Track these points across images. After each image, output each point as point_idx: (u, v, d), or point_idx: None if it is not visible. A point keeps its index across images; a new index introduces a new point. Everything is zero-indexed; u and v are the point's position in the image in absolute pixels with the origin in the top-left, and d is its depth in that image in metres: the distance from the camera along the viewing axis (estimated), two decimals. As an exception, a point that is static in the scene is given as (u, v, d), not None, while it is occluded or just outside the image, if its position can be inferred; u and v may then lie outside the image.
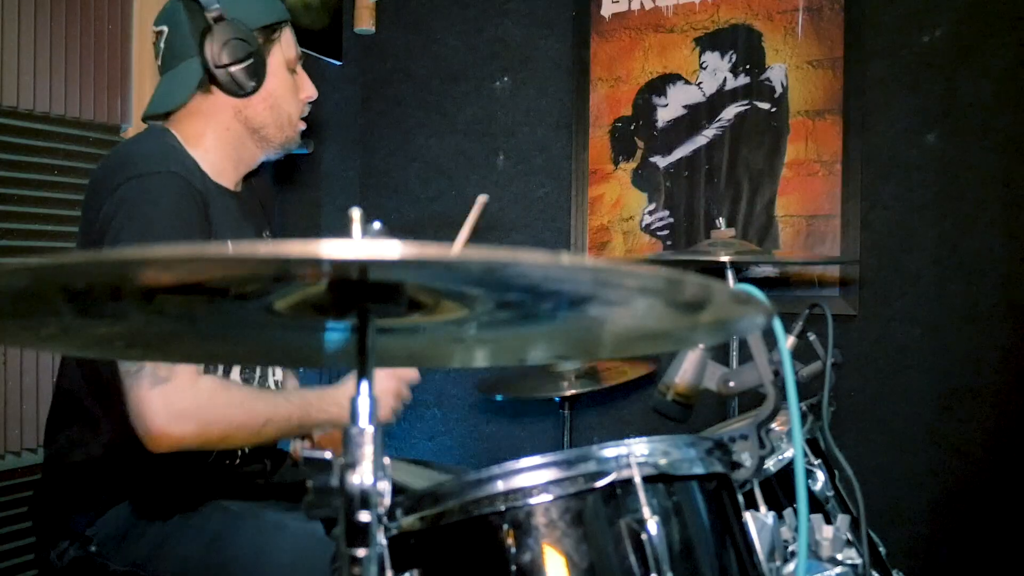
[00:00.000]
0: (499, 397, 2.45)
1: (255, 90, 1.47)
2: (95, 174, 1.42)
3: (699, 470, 0.96)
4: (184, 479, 1.39)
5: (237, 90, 1.45)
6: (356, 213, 0.68)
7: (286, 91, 1.52)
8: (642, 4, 2.52)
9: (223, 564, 1.27)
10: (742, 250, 1.92)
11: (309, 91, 1.58)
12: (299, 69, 1.56)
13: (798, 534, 0.96)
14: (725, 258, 1.84)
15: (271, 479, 1.53)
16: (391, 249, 0.51)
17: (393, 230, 0.69)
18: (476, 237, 1.62)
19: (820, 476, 1.36)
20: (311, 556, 1.20)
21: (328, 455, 1.67)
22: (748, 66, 2.39)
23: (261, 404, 1.35)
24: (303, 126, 1.58)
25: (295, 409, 1.37)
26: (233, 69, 1.43)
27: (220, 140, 1.47)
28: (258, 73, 1.46)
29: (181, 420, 1.24)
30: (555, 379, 2.18)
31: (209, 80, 1.44)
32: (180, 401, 1.24)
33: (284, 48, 1.52)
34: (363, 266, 0.58)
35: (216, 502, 1.37)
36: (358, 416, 0.67)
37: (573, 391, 2.14)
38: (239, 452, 1.48)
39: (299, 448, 1.65)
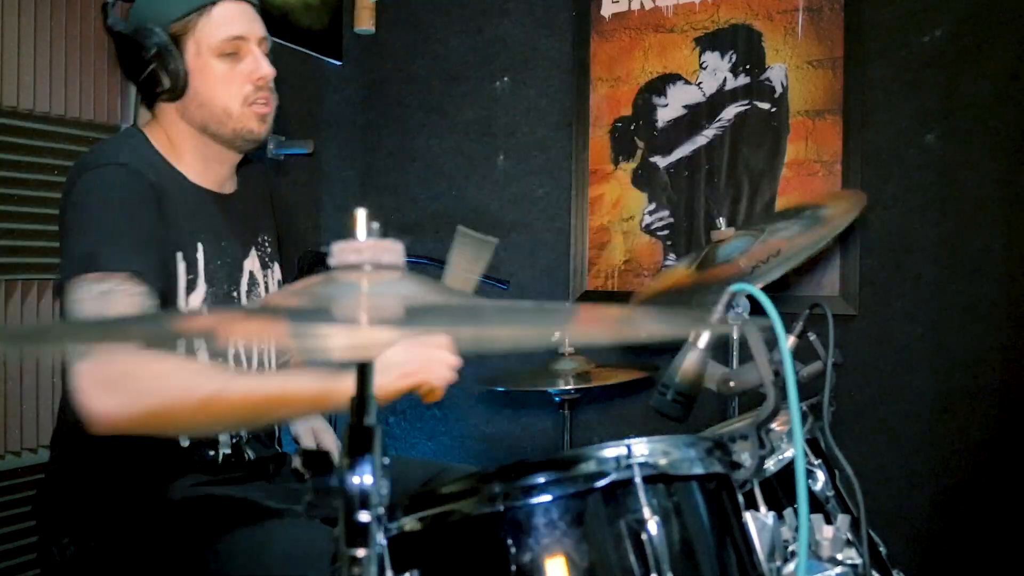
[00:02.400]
0: (500, 388, 2.46)
1: (180, 90, 1.39)
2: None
3: (699, 470, 0.96)
4: (185, 479, 1.39)
5: (159, 98, 1.41)
6: (361, 214, 0.68)
7: (212, 83, 1.40)
8: (642, 4, 2.52)
9: (222, 560, 1.26)
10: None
11: (256, 71, 1.41)
12: (245, 48, 1.41)
13: (798, 534, 0.96)
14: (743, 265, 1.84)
15: (273, 481, 1.52)
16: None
17: (393, 230, 0.69)
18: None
19: (820, 476, 1.35)
20: (310, 550, 1.20)
21: (329, 442, 1.65)
22: (748, 66, 2.39)
23: (204, 379, 1.19)
24: (263, 109, 1.43)
25: (257, 388, 1.20)
26: (142, 79, 1.39)
27: (183, 143, 1.45)
28: (171, 74, 1.38)
29: (107, 392, 1.13)
30: (554, 376, 2.18)
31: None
32: (105, 370, 1.13)
33: (203, 36, 1.38)
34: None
35: (216, 499, 1.36)
36: (359, 414, 0.67)
37: (572, 386, 2.14)
38: (245, 456, 1.47)
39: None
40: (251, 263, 1.53)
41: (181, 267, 1.37)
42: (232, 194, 1.54)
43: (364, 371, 0.69)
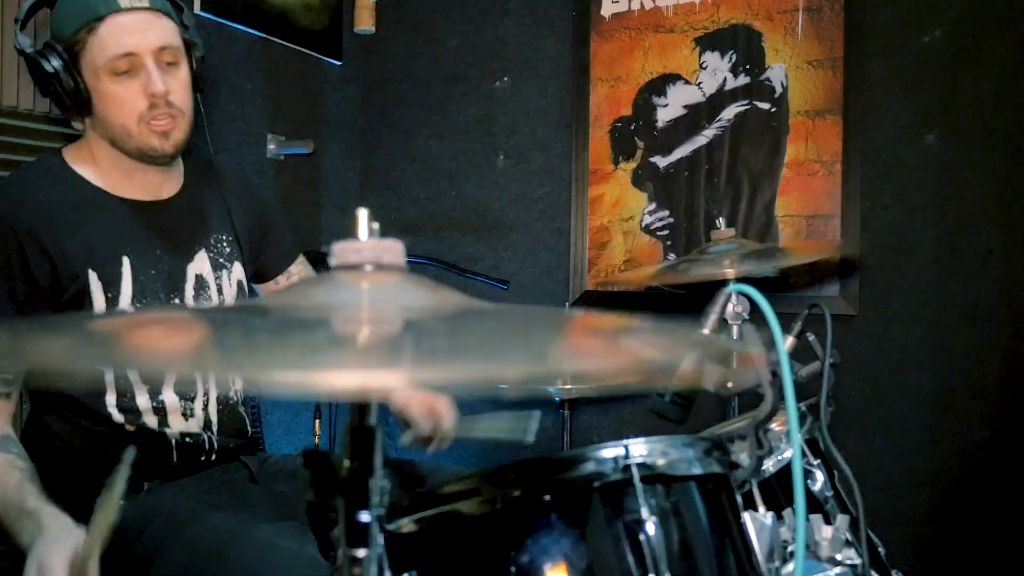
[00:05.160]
0: (500, 387, 2.48)
1: (87, 109, 1.37)
2: None
3: (697, 470, 0.96)
4: (164, 486, 1.38)
5: (71, 115, 1.40)
6: (363, 214, 0.68)
7: (108, 103, 1.36)
8: (642, 4, 2.52)
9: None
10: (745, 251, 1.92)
11: (147, 87, 1.34)
12: (138, 63, 1.34)
13: (796, 534, 0.96)
14: (730, 270, 1.82)
15: (259, 482, 1.51)
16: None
17: (393, 230, 0.69)
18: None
19: (819, 476, 1.36)
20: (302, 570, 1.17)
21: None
22: (748, 66, 2.39)
23: None
24: (162, 126, 1.37)
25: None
26: (50, 98, 1.38)
27: (102, 157, 1.43)
28: (70, 95, 1.35)
29: None
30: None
31: None
32: None
33: (93, 56, 1.33)
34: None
35: (206, 512, 1.31)
36: (359, 415, 0.67)
37: (571, 386, 2.15)
38: (211, 448, 1.45)
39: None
40: (199, 266, 1.48)
41: (96, 286, 1.35)
42: (172, 198, 1.50)
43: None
